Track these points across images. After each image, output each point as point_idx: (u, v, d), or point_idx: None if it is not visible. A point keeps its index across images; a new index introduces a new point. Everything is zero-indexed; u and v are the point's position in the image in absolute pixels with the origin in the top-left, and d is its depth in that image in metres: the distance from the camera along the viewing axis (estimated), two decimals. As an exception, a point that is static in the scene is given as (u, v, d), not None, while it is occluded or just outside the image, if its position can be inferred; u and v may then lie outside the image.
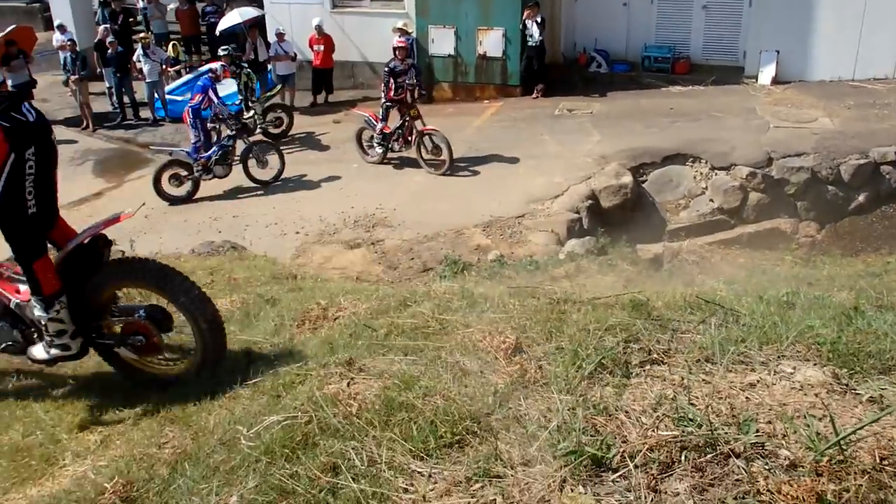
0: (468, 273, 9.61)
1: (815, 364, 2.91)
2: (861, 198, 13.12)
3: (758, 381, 2.83)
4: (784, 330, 3.21)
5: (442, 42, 17.78)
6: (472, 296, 4.23)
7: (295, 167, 14.72)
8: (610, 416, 2.75)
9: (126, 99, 18.26)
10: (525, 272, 9.16)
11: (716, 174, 13.46)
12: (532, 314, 3.83)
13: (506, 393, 3.12)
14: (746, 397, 2.73)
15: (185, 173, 13.91)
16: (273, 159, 14.23)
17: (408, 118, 14.12)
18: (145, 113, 18.41)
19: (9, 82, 17.02)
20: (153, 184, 13.78)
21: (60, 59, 18.11)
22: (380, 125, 14.27)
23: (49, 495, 3.62)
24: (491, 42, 17.43)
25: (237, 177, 14.22)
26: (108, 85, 18.38)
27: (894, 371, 2.79)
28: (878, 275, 8.50)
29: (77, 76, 17.42)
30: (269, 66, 18.50)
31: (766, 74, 17.07)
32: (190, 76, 20.11)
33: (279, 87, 17.50)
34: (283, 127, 16.61)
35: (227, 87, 16.27)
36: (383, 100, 14.31)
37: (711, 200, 13.19)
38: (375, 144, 14.56)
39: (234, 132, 14.10)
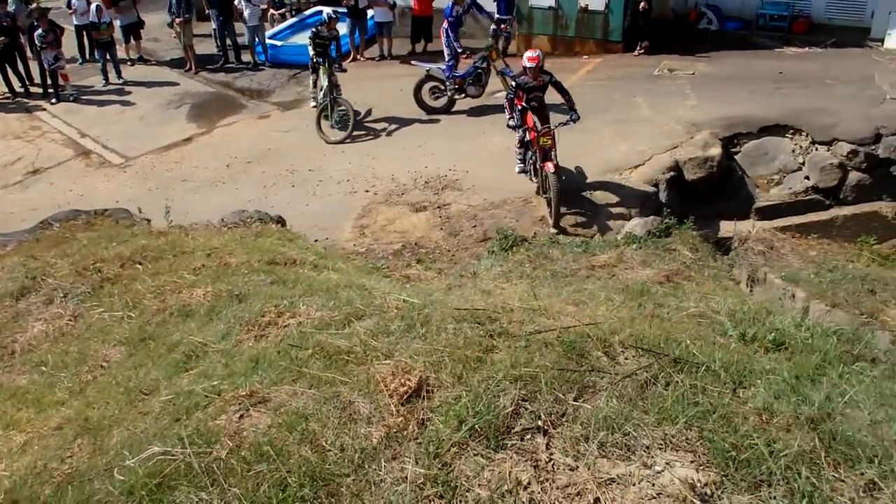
0: (517, 249, 9.32)
1: (692, 461, 2.57)
2: (978, 184, 11.89)
3: (620, 477, 2.52)
4: (689, 406, 2.85)
5: (543, -7, 17.13)
6: (415, 316, 3.99)
7: (378, 122, 14.63)
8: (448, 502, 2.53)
9: (228, 42, 18.47)
10: (571, 254, 8.79)
11: (816, 149, 12.49)
12: (459, 347, 3.58)
13: (377, 450, 2.93)
14: (595, 499, 2.44)
15: (443, 87, 14.65)
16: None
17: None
18: (248, 56, 18.58)
19: (117, 22, 17.60)
20: (414, 94, 14.70)
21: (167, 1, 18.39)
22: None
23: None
24: (593, -6, 16.65)
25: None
26: (213, 27, 18.65)
27: (764, 487, 2.43)
28: (958, 283, 7.72)
29: (181, 18, 17.70)
30: (370, 13, 18.34)
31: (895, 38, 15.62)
32: (294, 20, 20.23)
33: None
34: None
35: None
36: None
37: (807, 178, 12.27)
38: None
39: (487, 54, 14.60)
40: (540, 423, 2.91)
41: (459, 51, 14.61)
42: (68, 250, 6.41)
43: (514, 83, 11.33)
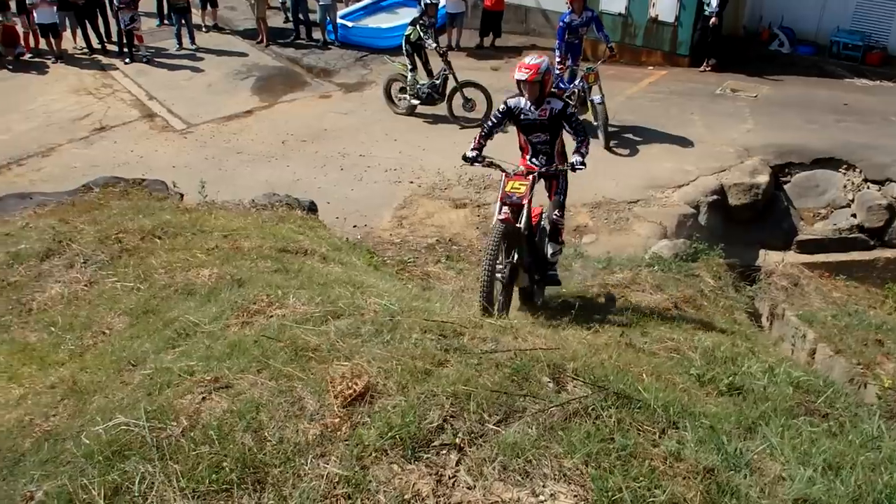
0: (541, 258, 9.46)
1: (576, 495, 2.76)
2: None
3: (506, 501, 2.74)
4: (597, 442, 3.04)
5: (614, -1, 17.11)
6: (386, 321, 4.23)
7: (434, 112, 14.81)
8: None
9: (301, 17, 18.85)
10: (591, 269, 8.92)
11: (867, 187, 12.33)
12: (415, 358, 3.81)
13: (310, 445, 3.19)
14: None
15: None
16: None
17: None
18: (318, 34, 18.93)
19: (195, -11, 18.06)
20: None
21: (243, -29, 18.84)
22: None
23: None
24: (665, 5, 16.53)
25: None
26: (280, 1, 19.04)
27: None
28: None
29: (254, -11, 18.15)
30: (442, 3, 18.52)
31: (970, 79, 15.23)
32: (368, 1, 20.52)
33: None
34: None
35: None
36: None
37: (854, 216, 12.13)
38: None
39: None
40: (457, 440, 3.13)
41: (557, 59, 13.22)
42: (98, 217, 6.82)
43: (503, 106, 7.30)
